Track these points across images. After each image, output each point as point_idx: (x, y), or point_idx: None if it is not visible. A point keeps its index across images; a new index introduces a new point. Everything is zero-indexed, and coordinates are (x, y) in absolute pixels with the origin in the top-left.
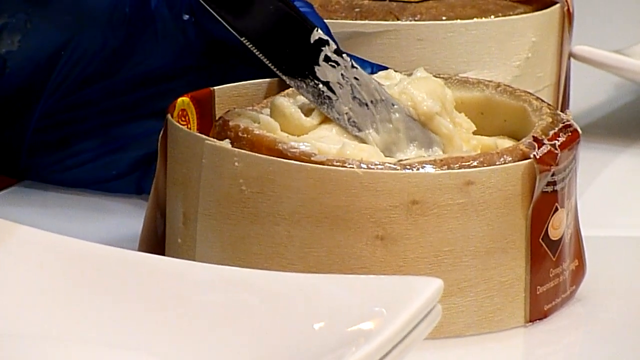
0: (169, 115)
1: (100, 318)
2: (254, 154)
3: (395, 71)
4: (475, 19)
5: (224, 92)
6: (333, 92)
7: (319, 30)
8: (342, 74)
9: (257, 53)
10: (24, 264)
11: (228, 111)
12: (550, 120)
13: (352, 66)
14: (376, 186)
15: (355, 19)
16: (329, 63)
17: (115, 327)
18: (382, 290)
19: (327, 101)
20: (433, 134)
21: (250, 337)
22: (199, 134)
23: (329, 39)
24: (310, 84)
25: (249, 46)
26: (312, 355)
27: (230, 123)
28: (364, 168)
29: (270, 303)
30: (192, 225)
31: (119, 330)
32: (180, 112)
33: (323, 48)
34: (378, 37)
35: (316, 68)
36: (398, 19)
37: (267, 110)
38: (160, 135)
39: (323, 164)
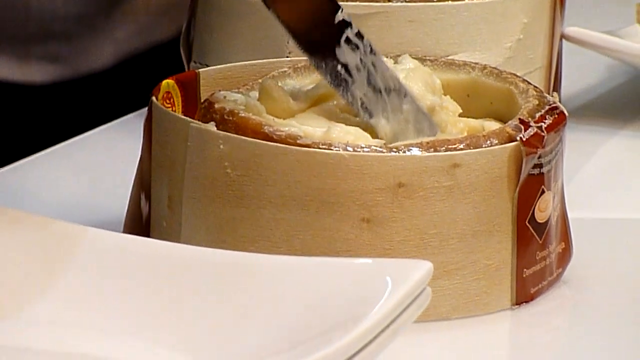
0: (153, 98)
1: (85, 302)
2: (239, 136)
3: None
4: (466, 1)
5: (209, 75)
6: (350, 75)
7: (343, 12)
8: (360, 58)
9: (282, 24)
10: (9, 246)
11: (213, 93)
12: (537, 102)
13: (371, 52)
14: (362, 169)
15: (346, 1)
16: (350, 45)
17: (102, 311)
18: (371, 273)
19: (344, 84)
20: (437, 128)
21: (237, 320)
22: (183, 117)
23: (352, 22)
24: (330, 64)
25: (275, 17)
26: (300, 339)
27: (216, 105)
28: (349, 151)
29: (258, 286)
30: (177, 209)
31: (106, 314)
32: (164, 95)
33: (345, 29)
34: (369, 19)
35: (337, 48)
36: (389, 1)
37: (254, 93)
38: (145, 118)
39: (309, 147)
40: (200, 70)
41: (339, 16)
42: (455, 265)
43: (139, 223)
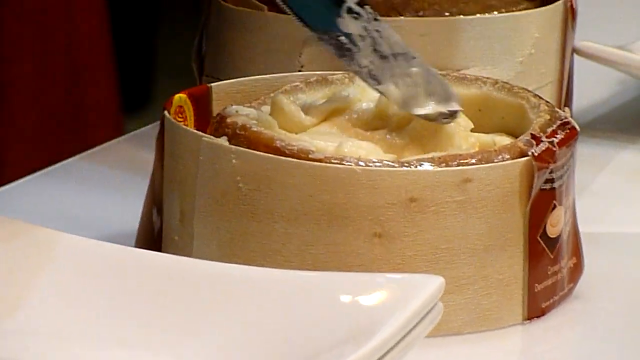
0: (165, 112)
1: (97, 316)
2: (251, 151)
3: None
4: (478, 15)
5: (221, 89)
6: (355, 44)
7: None
8: (364, 26)
9: (281, 3)
10: (21, 260)
11: (225, 108)
12: (548, 117)
13: (375, 19)
14: (374, 184)
15: None
16: (352, 15)
17: (114, 325)
18: (384, 287)
19: (348, 53)
20: (452, 89)
21: (246, 334)
22: (195, 131)
23: None
24: (332, 35)
25: None
26: (312, 353)
27: (228, 120)
28: (362, 165)
29: (267, 301)
30: (189, 223)
31: (118, 328)
32: (177, 109)
33: (345, 1)
34: None
35: (338, 19)
36: (401, 15)
37: (265, 108)
38: (157, 132)
39: (321, 162)
40: (212, 84)
41: None
42: (467, 280)
43: (151, 237)
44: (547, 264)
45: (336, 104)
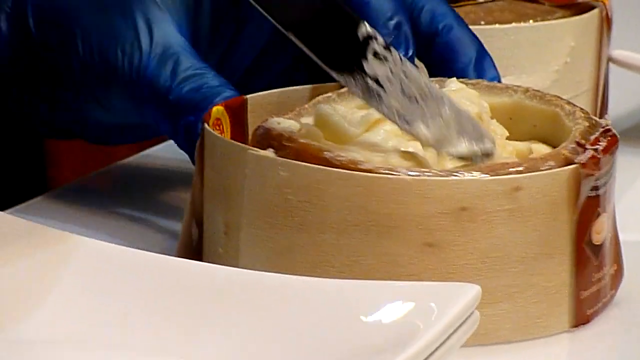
0: (206, 125)
1: (140, 325)
2: (300, 162)
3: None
4: (513, 24)
5: (256, 101)
6: (382, 87)
7: (366, 23)
8: (390, 69)
9: (303, 48)
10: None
11: (266, 120)
12: (588, 124)
13: (401, 61)
14: (425, 193)
15: None
16: (377, 57)
17: (157, 334)
18: (418, 296)
19: (377, 97)
20: (483, 128)
21: (281, 343)
22: (241, 144)
23: (377, 33)
24: (359, 79)
25: (295, 40)
26: None
27: (273, 132)
28: (412, 175)
29: (300, 309)
30: (235, 235)
31: (162, 338)
32: (215, 121)
33: (370, 42)
34: None
35: (364, 63)
36: None
37: (305, 119)
38: (197, 144)
39: (371, 172)
40: (248, 96)
41: (362, 28)
42: (516, 288)
43: (190, 249)
44: (592, 271)
45: (376, 114)
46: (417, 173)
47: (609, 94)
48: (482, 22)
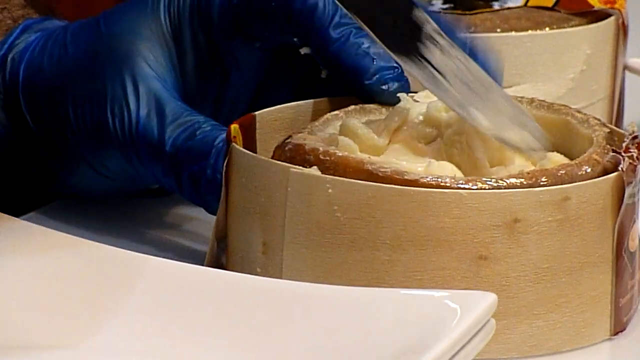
0: (234, 144)
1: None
2: (348, 180)
3: None
4: (529, 31)
5: (263, 117)
6: (438, 71)
7: (420, 8)
8: (445, 53)
9: (363, 25)
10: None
11: (290, 135)
12: (608, 130)
13: (452, 46)
14: (479, 206)
15: None
16: (431, 41)
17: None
18: (434, 304)
19: (434, 80)
20: (531, 118)
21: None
22: (280, 162)
23: (430, 17)
24: (416, 61)
25: (356, 19)
26: None
27: (307, 147)
28: (466, 188)
29: (320, 317)
30: (276, 254)
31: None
32: (232, 139)
33: (423, 26)
34: None
35: (420, 45)
36: None
37: (322, 134)
38: (224, 165)
39: (417, 182)
40: (256, 112)
41: (416, 12)
42: (565, 298)
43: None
44: (628, 278)
45: (396, 121)
46: (471, 186)
47: (624, 101)
48: (499, 30)
